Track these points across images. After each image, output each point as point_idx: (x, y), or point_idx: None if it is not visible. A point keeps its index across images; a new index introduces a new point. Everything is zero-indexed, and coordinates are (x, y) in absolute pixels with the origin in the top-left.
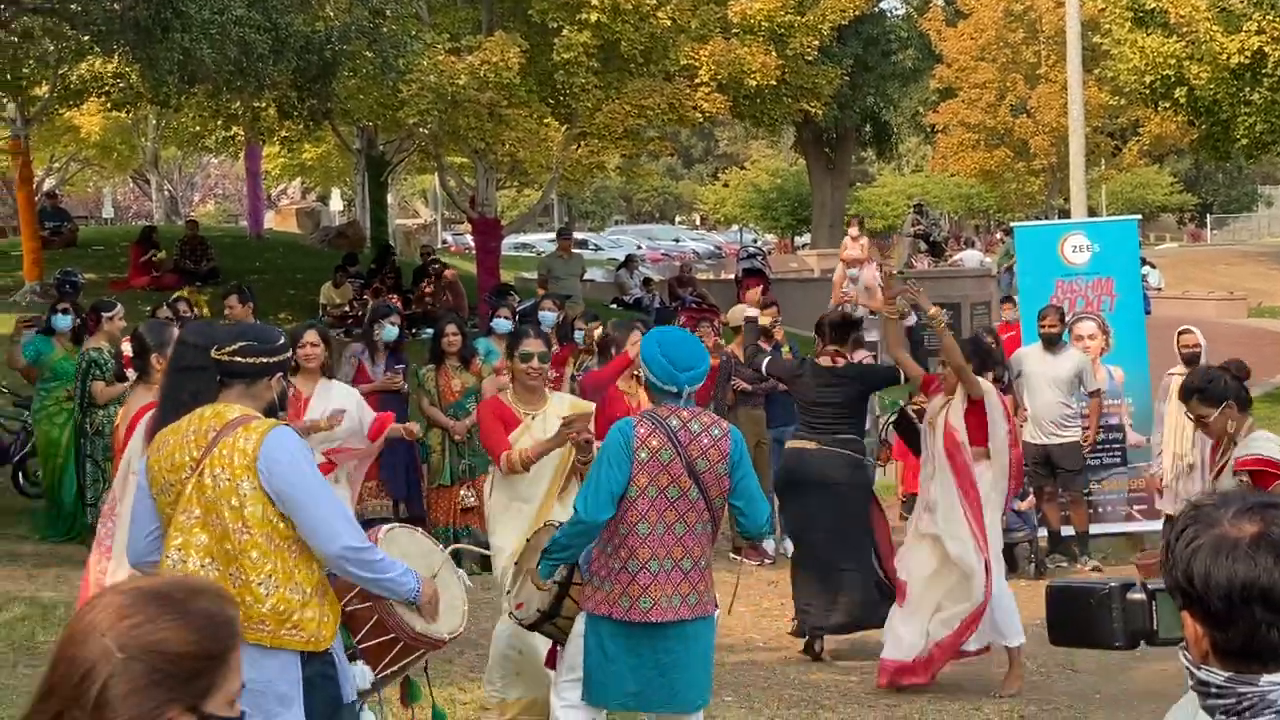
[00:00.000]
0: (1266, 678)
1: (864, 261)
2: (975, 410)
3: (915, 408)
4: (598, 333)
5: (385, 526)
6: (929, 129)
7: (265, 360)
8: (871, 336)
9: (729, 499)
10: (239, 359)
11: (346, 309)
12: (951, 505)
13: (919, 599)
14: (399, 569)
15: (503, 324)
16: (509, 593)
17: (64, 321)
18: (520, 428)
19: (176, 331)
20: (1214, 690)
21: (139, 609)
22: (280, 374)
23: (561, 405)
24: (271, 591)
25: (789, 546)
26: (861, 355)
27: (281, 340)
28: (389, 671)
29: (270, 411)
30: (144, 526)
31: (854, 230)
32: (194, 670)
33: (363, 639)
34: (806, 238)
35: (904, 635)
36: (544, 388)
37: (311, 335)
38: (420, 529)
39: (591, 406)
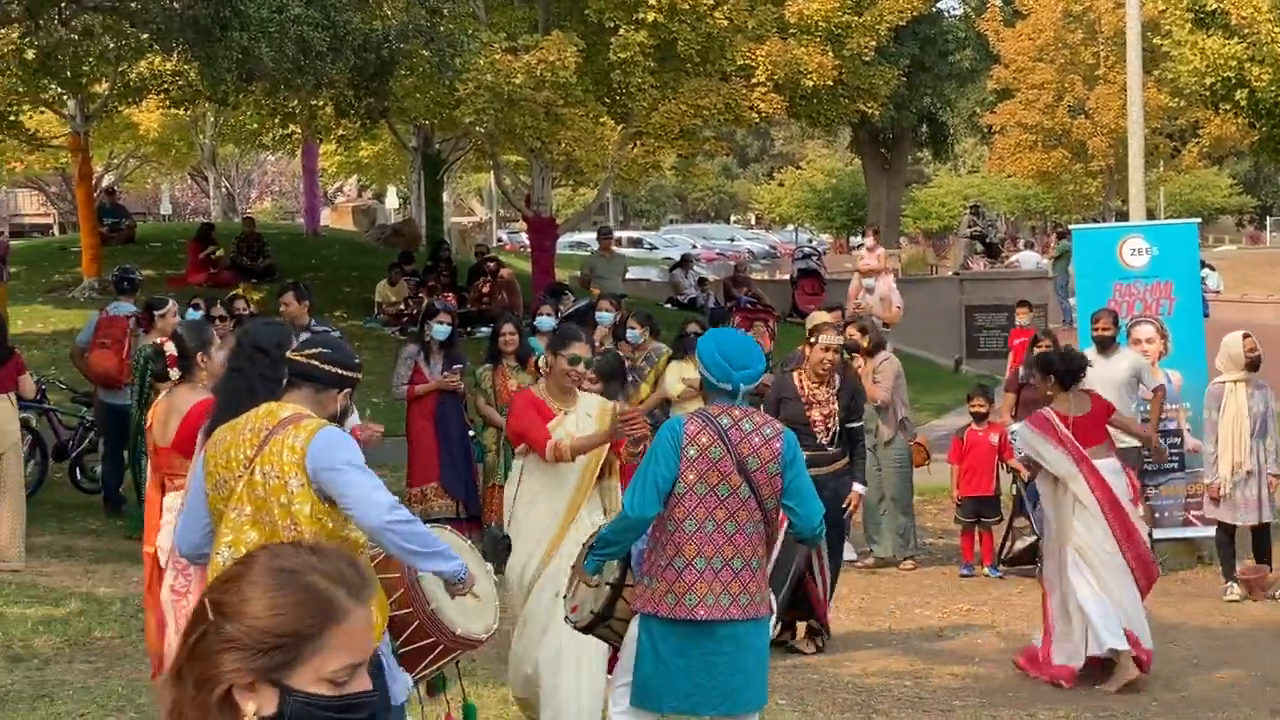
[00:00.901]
0: None
1: (880, 272)
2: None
3: (975, 410)
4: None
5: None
6: (986, 129)
7: (339, 372)
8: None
9: (782, 499)
10: (316, 363)
11: (402, 307)
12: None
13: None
14: (444, 545)
15: (546, 321)
16: (564, 597)
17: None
18: (554, 421)
19: (214, 331)
20: None
21: (249, 575)
22: (350, 390)
23: (590, 404)
24: None
25: (844, 549)
26: (883, 355)
27: (359, 362)
28: (425, 674)
29: (331, 421)
30: (198, 520)
31: (869, 240)
32: (272, 644)
33: (402, 644)
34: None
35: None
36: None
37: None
38: (449, 526)
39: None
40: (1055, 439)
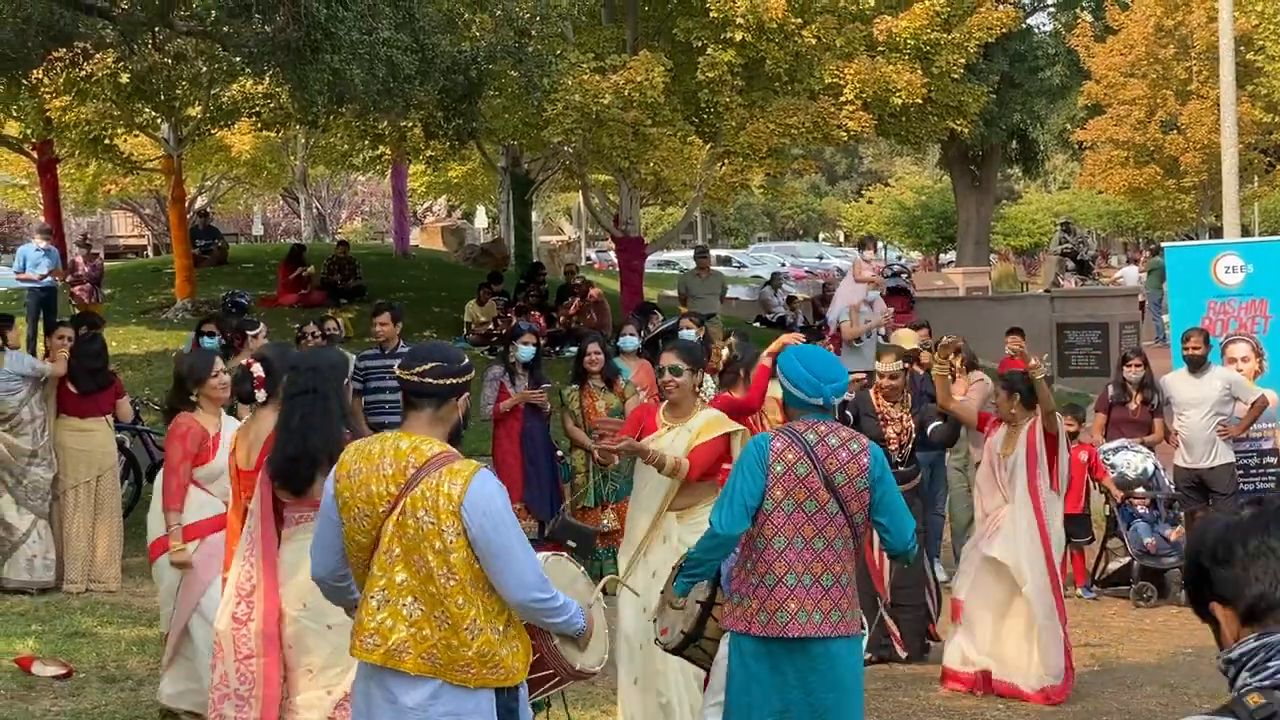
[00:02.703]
0: None
1: (877, 284)
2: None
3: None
4: (724, 353)
5: (540, 556)
6: (1076, 146)
7: (455, 381)
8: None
9: (872, 515)
10: (430, 380)
11: (491, 326)
12: (1033, 539)
13: (977, 619)
14: (573, 609)
15: (630, 341)
16: (653, 620)
17: (209, 343)
18: (654, 435)
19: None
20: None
21: None
22: (466, 394)
23: (699, 420)
24: (476, 635)
25: (935, 570)
26: (977, 375)
27: (467, 360)
28: (535, 698)
29: (456, 432)
30: (330, 544)
31: (868, 251)
32: None
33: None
34: (951, 255)
35: (966, 651)
36: (691, 402)
37: (223, 369)
38: (565, 552)
39: (729, 425)
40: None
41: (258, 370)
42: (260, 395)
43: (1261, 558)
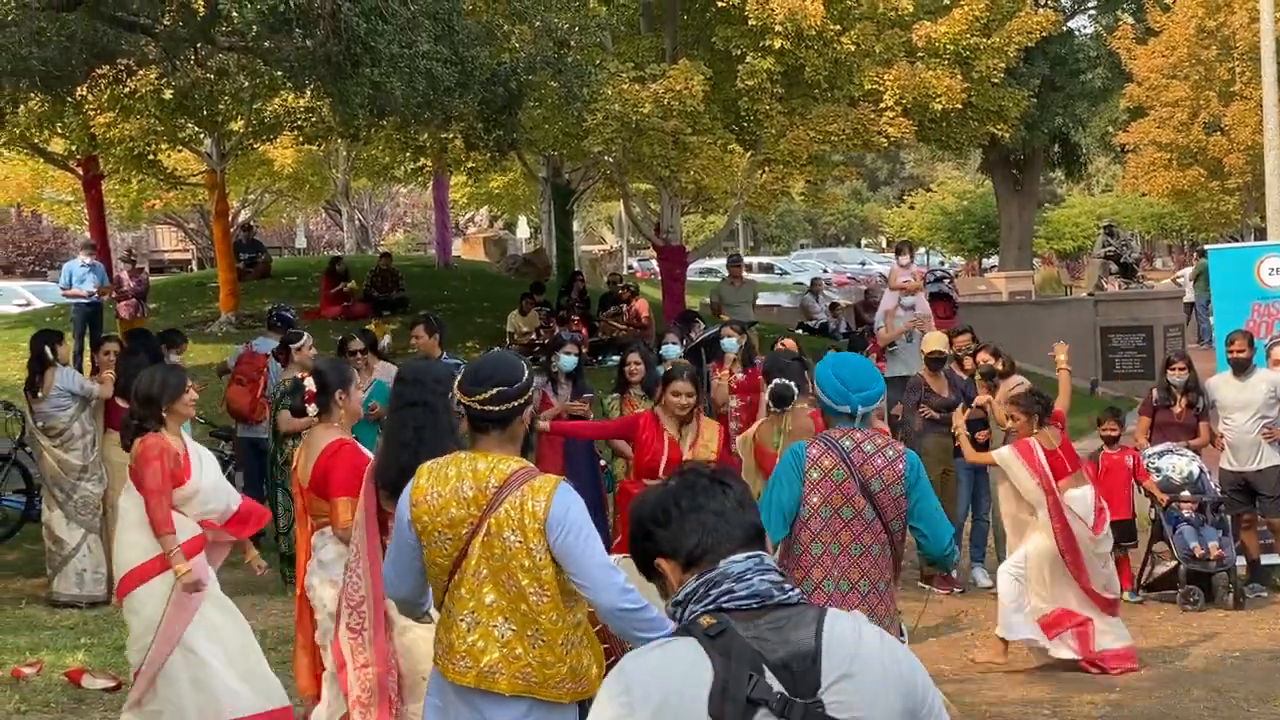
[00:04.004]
0: None
1: (917, 290)
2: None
3: (1106, 433)
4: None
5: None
6: (1119, 149)
7: (518, 403)
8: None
9: (910, 521)
10: (492, 407)
11: (533, 337)
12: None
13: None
14: (667, 624)
15: (672, 349)
16: None
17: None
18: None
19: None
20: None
21: None
22: (531, 406)
23: (709, 429)
24: (570, 651)
25: (979, 576)
26: (1016, 380)
27: (527, 374)
28: None
29: (526, 443)
30: (409, 566)
31: (904, 258)
32: None
33: None
34: (994, 260)
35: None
36: (696, 417)
37: (193, 389)
38: (627, 555)
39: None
40: (1032, 468)
41: (310, 385)
42: (311, 410)
43: (693, 514)
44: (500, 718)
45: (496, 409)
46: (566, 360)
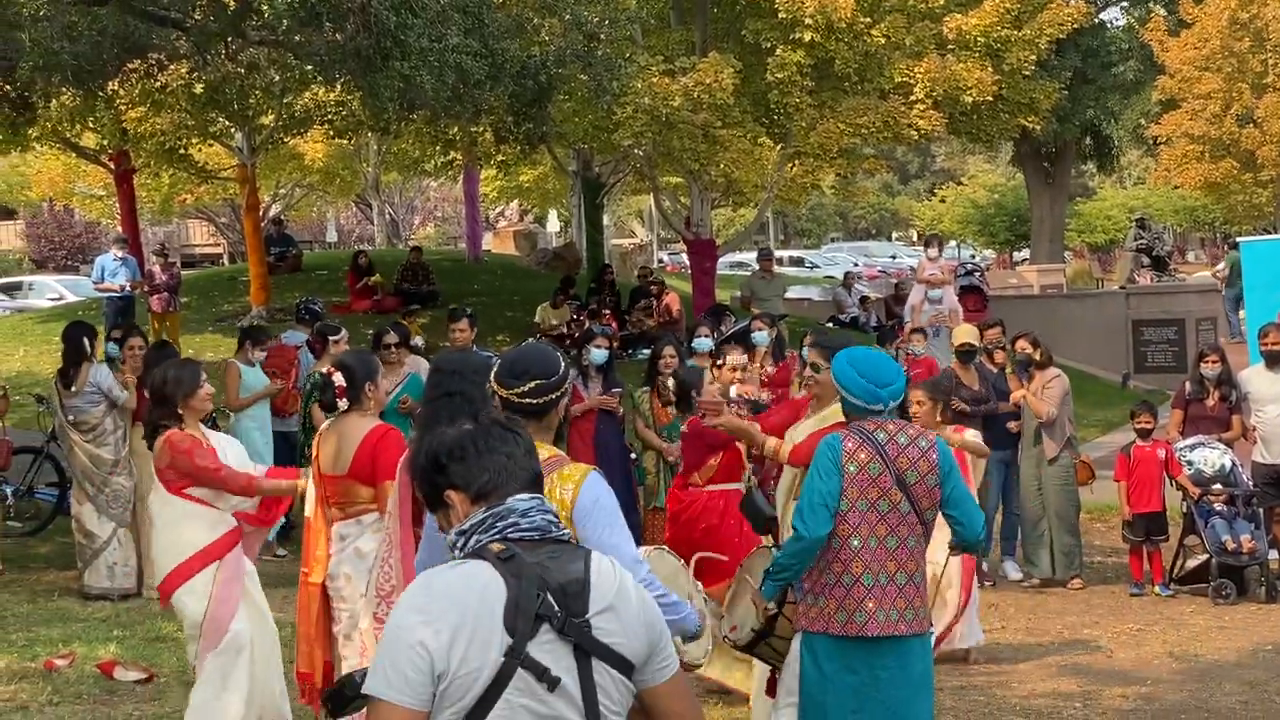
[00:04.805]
0: None
1: (946, 284)
2: None
3: (1140, 426)
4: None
5: (640, 550)
6: (1151, 141)
7: (555, 396)
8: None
9: (943, 509)
10: (530, 400)
11: (564, 330)
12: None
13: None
14: (686, 609)
15: (704, 343)
16: (722, 617)
17: (113, 349)
18: (794, 425)
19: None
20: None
21: None
22: (567, 396)
23: (831, 413)
24: None
25: (1009, 569)
26: (1053, 372)
27: (563, 365)
28: None
29: (561, 433)
30: (441, 557)
31: (932, 251)
32: None
33: None
34: (1025, 253)
35: None
36: (833, 395)
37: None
38: (666, 547)
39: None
40: None
41: (339, 380)
42: (342, 404)
43: (488, 454)
44: None
45: (535, 401)
46: (597, 354)
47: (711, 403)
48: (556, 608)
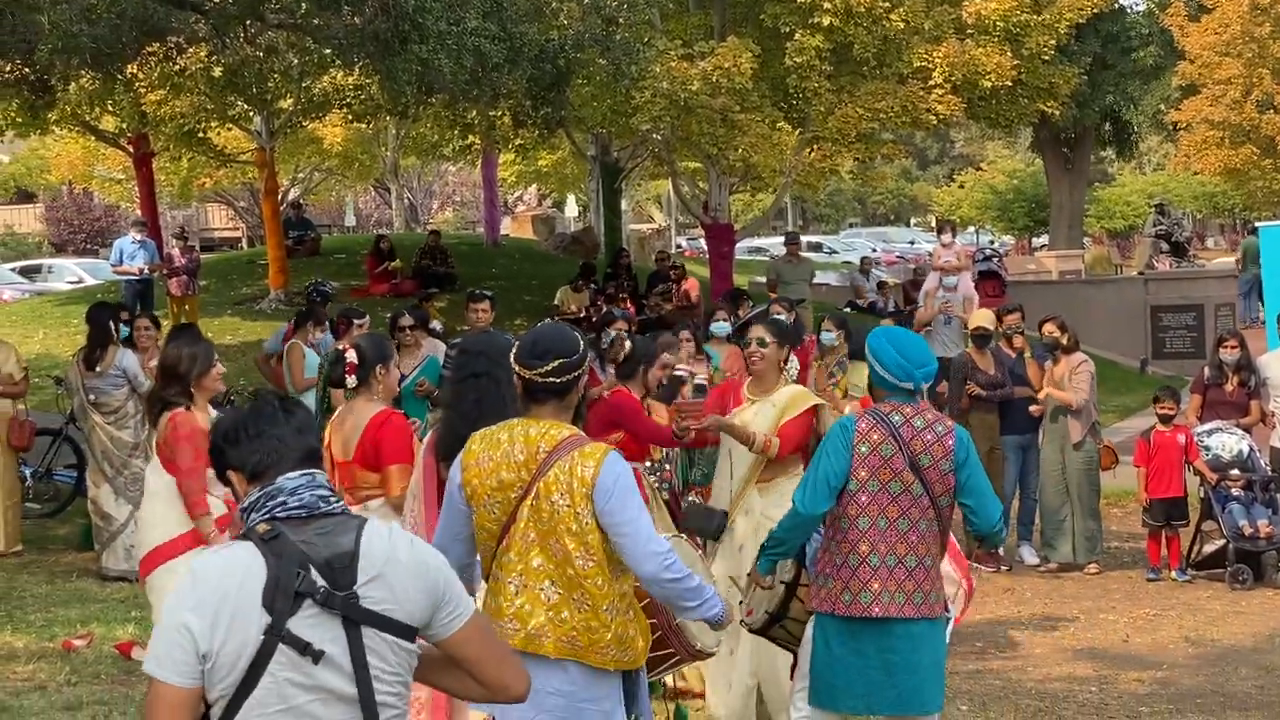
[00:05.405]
0: None
1: (961, 270)
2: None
3: (1163, 411)
4: (625, 345)
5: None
6: (1171, 127)
7: (577, 374)
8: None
9: (958, 498)
10: (554, 379)
11: (582, 314)
12: None
13: None
14: (709, 593)
15: (721, 326)
16: (740, 602)
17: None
18: (738, 409)
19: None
20: None
21: None
22: (587, 376)
23: (783, 395)
24: (615, 617)
25: (1026, 554)
26: (1080, 358)
27: (582, 345)
28: (655, 676)
29: (579, 412)
30: (458, 533)
31: (946, 236)
32: None
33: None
34: (1044, 239)
35: None
36: (775, 376)
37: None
38: (684, 536)
39: (813, 399)
40: None
41: (350, 357)
42: (351, 381)
43: (258, 438)
44: (548, 683)
45: (557, 381)
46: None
47: (690, 404)
48: (320, 583)
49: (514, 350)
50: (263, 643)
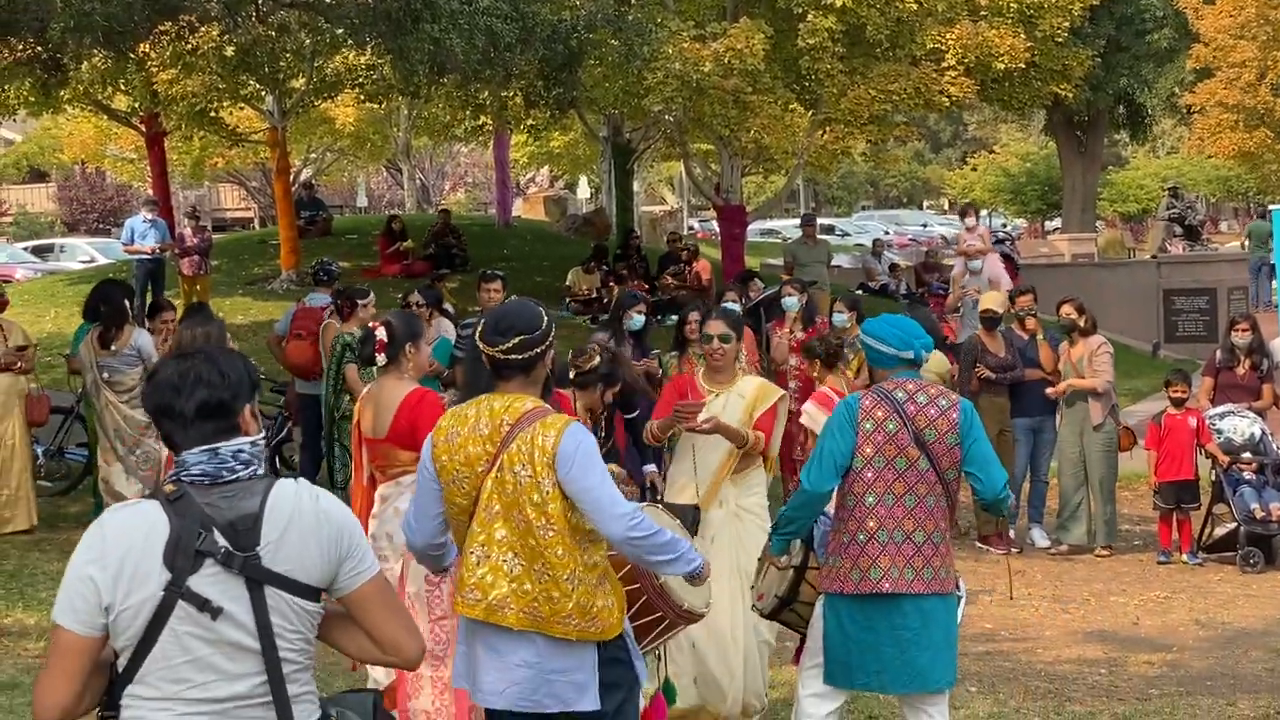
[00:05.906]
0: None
1: (985, 253)
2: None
3: (1175, 395)
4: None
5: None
6: (1185, 110)
7: (542, 349)
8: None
9: (963, 467)
10: (516, 355)
11: (593, 296)
12: None
13: None
14: (684, 546)
15: (732, 308)
16: (752, 587)
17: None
18: (701, 402)
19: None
20: None
21: None
22: (553, 350)
23: (747, 386)
24: (576, 587)
25: (1037, 536)
26: (1098, 340)
27: (546, 320)
28: (650, 647)
29: (548, 386)
30: (428, 510)
31: (970, 220)
32: None
33: (631, 619)
34: (1057, 222)
35: None
36: (732, 368)
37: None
38: (661, 504)
39: (776, 390)
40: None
41: (381, 334)
42: (381, 359)
43: (165, 416)
44: (514, 655)
45: (519, 357)
46: (636, 320)
47: (690, 405)
48: (221, 543)
49: (478, 328)
50: (162, 598)
